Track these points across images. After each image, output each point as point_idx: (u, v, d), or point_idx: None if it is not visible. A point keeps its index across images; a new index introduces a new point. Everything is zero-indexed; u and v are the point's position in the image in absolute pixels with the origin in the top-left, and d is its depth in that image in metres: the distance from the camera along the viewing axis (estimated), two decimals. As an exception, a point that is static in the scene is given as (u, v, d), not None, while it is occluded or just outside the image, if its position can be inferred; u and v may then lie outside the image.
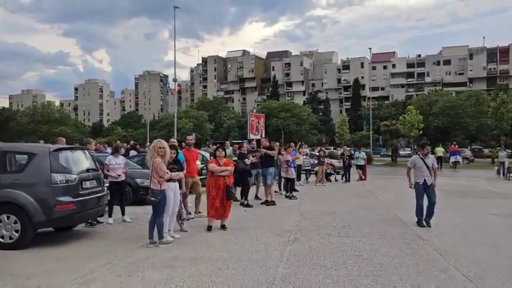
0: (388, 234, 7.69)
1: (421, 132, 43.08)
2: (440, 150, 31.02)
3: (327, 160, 19.36)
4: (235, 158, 11.95)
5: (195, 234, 7.63)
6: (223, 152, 8.13)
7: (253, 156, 11.72)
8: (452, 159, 30.85)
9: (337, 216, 9.73)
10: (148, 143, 27.15)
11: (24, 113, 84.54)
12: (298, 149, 17.24)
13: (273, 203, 11.51)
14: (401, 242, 7.10)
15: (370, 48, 47.36)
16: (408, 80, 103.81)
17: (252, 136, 22.09)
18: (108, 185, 8.85)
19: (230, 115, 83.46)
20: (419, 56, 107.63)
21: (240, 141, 24.51)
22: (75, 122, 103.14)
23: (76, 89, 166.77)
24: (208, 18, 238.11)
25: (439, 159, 31.03)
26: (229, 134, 67.15)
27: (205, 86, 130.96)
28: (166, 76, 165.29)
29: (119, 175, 8.69)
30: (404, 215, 9.80)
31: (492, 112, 42.42)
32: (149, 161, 6.78)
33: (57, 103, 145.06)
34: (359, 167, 20.22)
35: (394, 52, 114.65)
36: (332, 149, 60.79)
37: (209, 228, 7.96)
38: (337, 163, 21.87)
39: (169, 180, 6.90)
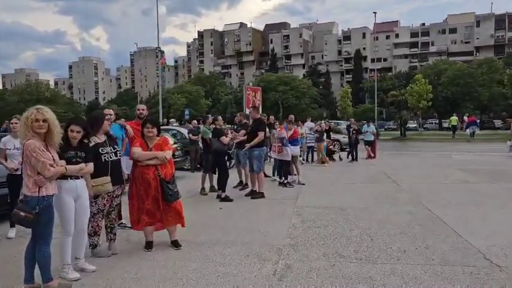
0: (435, 254, 4.79)
1: (430, 103, 40.03)
2: (454, 119, 29.83)
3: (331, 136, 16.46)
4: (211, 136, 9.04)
5: (123, 259, 4.74)
6: (154, 130, 5.13)
7: (237, 132, 8.77)
8: (469, 129, 28.60)
9: (350, 216, 6.84)
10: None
11: (13, 92, 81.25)
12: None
13: (260, 195, 8.62)
14: (465, 272, 4.20)
15: (374, 13, 43.36)
16: (412, 50, 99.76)
17: (248, 111, 19.83)
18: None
19: (227, 90, 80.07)
20: (424, 24, 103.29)
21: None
22: (69, 101, 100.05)
23: (70, 67, 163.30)
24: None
25: (454, 129, 29.48)
26: (227, 110, 64.04)
27: (202, 61, 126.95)
28: (162, 52, 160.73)
29: (16, 169, 5.67)
30: (442, 212, 6.92)
31: (508, 79, 39.04)
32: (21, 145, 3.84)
33: (52, 82, 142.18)
34: (368, 143, 17.28)
35: (397, 21, 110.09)
36: (332, 124, 57.93)
37: (148, 245, 5.10)
38: (342, 138, 18.96)
39: (66, 177, 3.99)
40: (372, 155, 17.17)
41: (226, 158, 8.63)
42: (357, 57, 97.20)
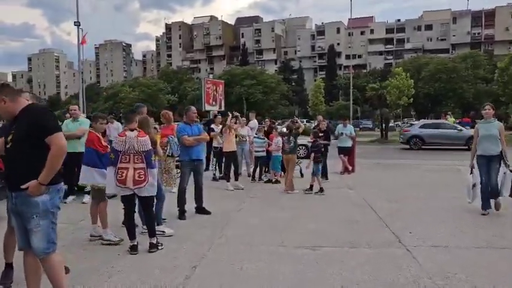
0: None
1: (411, 100, 35.34)
2: (452, 120, 26.28)
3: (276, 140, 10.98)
4: None
5: None
6: None
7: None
8: None
9: None
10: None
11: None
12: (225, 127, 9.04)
13: None
14: None
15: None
16: (387, 46, 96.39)
17: (207, 107, 17.09)
18: None
19: (195, 86, 74.31)
20: (399, 20, 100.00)
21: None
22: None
23: (30, 60, 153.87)
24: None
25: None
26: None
27: (170, 56, 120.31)
28: (130, 45, 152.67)
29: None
30: None
31: (499, 74, 34.62)
32: None
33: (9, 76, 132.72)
34: (343, 150, 12.02)
35: (372, 17, 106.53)
36: (304, 122, 52.71)
37: None
38: (308, 143, 13.64)
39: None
40: (350, 168, 11.97)
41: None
42: (330, 53, 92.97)
